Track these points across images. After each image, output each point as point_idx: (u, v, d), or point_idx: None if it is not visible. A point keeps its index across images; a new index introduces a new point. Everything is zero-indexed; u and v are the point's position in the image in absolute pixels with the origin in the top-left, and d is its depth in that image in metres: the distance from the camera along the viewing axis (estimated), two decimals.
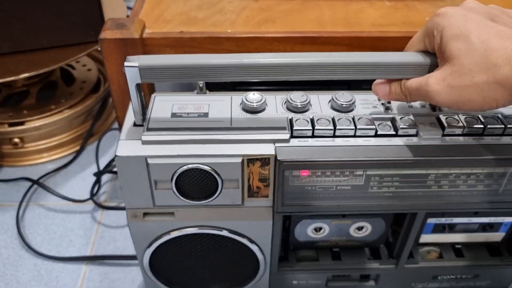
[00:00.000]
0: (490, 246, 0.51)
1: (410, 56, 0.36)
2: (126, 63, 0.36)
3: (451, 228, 0.48)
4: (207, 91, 0.44)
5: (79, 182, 0.69)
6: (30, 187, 0.67)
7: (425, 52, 0.36)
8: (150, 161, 0.38)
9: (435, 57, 0.35)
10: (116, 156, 0.38)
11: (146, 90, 0.56)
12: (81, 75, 0.80)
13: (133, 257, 0.58)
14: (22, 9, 0.60)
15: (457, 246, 0.51)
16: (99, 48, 0.66)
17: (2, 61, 0.62)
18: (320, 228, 0.47)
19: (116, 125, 0.80)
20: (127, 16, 0.73)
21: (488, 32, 0.31)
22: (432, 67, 0.35)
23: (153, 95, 0.43)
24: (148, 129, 0.39)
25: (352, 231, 0.47)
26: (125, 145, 0.39)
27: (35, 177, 0.69)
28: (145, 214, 0.42)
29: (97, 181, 0.67)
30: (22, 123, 0.70)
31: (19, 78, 0.60)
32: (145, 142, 0.38)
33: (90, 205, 0.66)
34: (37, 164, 0.72)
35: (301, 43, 0.55)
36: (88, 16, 0.64)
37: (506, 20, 0.33)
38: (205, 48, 0.54)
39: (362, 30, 0.55)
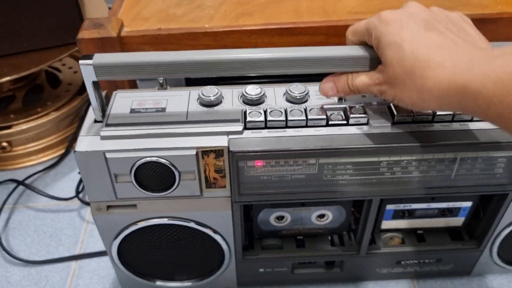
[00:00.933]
0: (452, 231, 0.52)
1: (353, 50, 0.38)
2: (80, 61, 0.38)
3: (411, 214, 0.49)
4: (168, 87, 0.46)
5: (68, 183, 0.70)
6: (15, 188, 0.69)
7: (367, 46, 0.37)
8: (108, 155, 0.39)
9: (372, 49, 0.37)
10: (75, 151, 0.40)
11: (128, 86, 0.57)
12: (67, 77, 0.82)
13: None
14: (0, 14, 0.61)
15: (419, 231, 0.52)
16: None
17: None
18: (282, 217, 0.48)
19: None
20: None
21: (419, 43, 0.33)
22: (373, 60, 0.37)
23: (114, 93, 0.45)
24: (107, 125, 0.40)
25: (314, 219, 0.49)
26: (85, 140, 0.40)
27: (22, 179, 0.70)
28: (108, 207, 0.44)
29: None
30: (9, 127, 0.71)
31: (1, 81, 0.61)
32: (103, 138, 0.40)
33: (78, 204, 0.67)
34: (26, 167, 0.74)
35: (278, 34, 0.56)
36: (67, 18, 0.65)
37: (441, 27, 0.35)
38: (183, 44, 0.55)
39: (339, 19, 0.56)
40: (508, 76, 0.27)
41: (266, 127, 0.41)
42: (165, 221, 0.44)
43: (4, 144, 0.71)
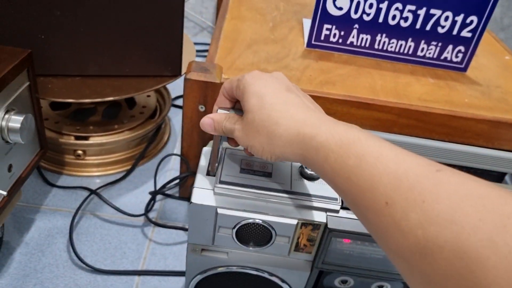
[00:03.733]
0: None
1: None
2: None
3: None
4: None
5: (131, 199, 0.74)
6: (88, 196, 0.73)
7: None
8: (219, 211, 0.44)
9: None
10: (191, 202, 0.44)
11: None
12: (142, 100, 0.87)
13: (182, 273, 0.64)
14: (111, 39, 0.66)
15: None
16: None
17: (88, 82, 0.68)
18: (347, 281, 0.53)
19: (165, 151, 0.87)
20: (196, 52, 0.79)
21: (279, 98, 0.38)
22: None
23: (222, 147, 0.49)
24: (221, 182, 0.45)
25: (373, 287, 0.54)
26: (200, 193, 0.45)
27: (90, 188, 0.74)
28: (203, 249, 0.49)
29: (152, 199, 0.72)
30: (87, 138, 0.75)
31: (105, 100, 0.66)
32: (216, 194, 0.45)
33: (141, 221, 0.71)
34: (92, 176, 0.78)
35: (356, 107, 0.61)
36: (169, 53, 0.69)
37: (299, 93, 0.40)
38: None
39: (411, 103, 0.61)
40: (347, 140, 0.32)
41: None
42: (248, 270, 0.49)
43: (80, 152, 0.76)
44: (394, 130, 0.64)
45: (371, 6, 0.66)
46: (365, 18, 0.68)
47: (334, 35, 0.70)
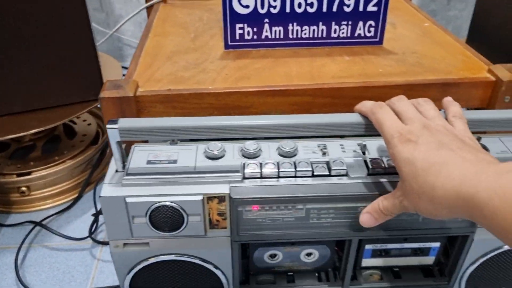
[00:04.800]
0: (425, 269, 0.59)
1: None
2: (108, 125, 0.46)
3: (387, 253, 0.56)
4: (178, 142, 0.54)
5: (80, 225, 0.77)
6: (33, 228, 0.75)
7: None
8: (128, 200, 0.47)
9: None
10: (100, 196, 0.47)
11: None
12: (82, 129, 0.91)
13: None
14: (32, 74, 0.70)
15: (395, 269, 0.59)
16: (98, 105, 0.75)
17: (15, 119, 0.72)
18: (275, 255, 0.55)
19: None
20: (123, 76, 0.83)
21: (430, 161, 0.37)
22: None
23: (133, 146, 0.52)
24: (127, 174, 0.48)
25: (303, 257, 0.56)
26: (109, 187, 0.48)
27: (38, 221, 0.76)
28: (125, 244, 0.51)
29: (95, 221, 0.74)
30: (29, 173, 0.79)
31: (29, 133, 0.69)
32: (124, 185, 0.48)
33: (88, 243, 0.73)
34: (42, 209, 0.81)
35: (271, 95, 0.64)
36: (89, 78, 0.74)
37: (453, 146, 0.38)
38: (190, 102, 0.64)
39: (324, 82, 0.65)
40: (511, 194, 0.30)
41: (261, 177, 0.49)
42: (173, 257, 0.51)
43: (23, 188, 0.78)
44: (313, 111, 0.67)
45: None
46: (273, 11, 0.72)
47: (248, 33, 0.74)
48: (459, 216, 0.36)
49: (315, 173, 0.49)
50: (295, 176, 0.49)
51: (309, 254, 0.55)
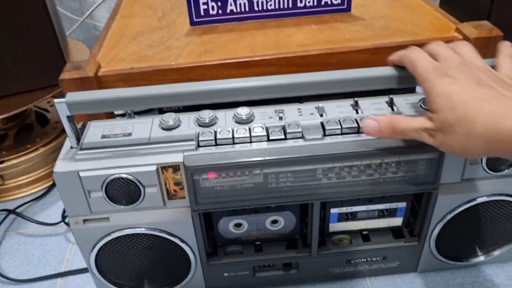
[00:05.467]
0: (395, 230, 0.59)
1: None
2: (55, 100, 0.45)
3: (354, 217, 0.56)
4: (136, 116, 0.53)
5: (55, 211, 0.77)
6: (6, 216, 0.76)
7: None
8: (82, 174, 0.46)
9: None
10: (53, 172, 0.47)
11: (105, 117, 0.64)
12: (54, 116, 0.90)
13: None
14: None
15: (364, 232, 0.58)
16: None
17: None
18: (240, 224, 0.55)
19: None
20: None
21: (470, 95, 0.36)
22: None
23: (88, 123, 0.52)
24: (81, 149, 0.48)
25: (268, 225, 0.55)
26: (62, 163, 0.47)
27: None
28: (84, 220, 0.50)
29: None
30: (1, 162, 0.78)
31: None
32: (78, 160, 0.47)
33: (63, 228, 0.74)
34: (17, 198, 0.81)
35: (236, 67, 0.63)
36: (52, 62, 0.73)
37: (493, 84, 0.37)
38: (153, 79, 0.63)
39: (288, 51, 0.64)
40: None
41: (216, 145, 0.48)
42: (135, 231, 0.51)
43: None
44: None
45: None
46: None
47: (213, 8, 0.73)
48: (494, 153, 0.35)
49: (270, 138, 0.48)
50: (251, 142, 0.48)
51: (274, 222, 0.55)
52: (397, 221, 0.58)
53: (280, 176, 0.49)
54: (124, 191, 0.48)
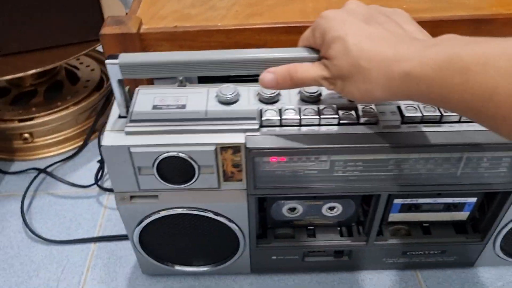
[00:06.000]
0: (457, 224, 0.55)
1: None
2: (107, 61, 0.40)
3: (417, 208, 0.52)
4: (187, 84, 0.48)
5: (85, 172, 0.74)
6: (37, 175, 0.73)
7: (311, 48, 0.39)
8: (132, 150, 0.42)
9: (318, 52, 0.38)
10: (101, 146, 0.42)
11: (146, 83, 0.60)
12: (85, 75, 0.86)
13: None
14: (28, 12, 0.65)
15: (424, 224, 0.54)
16: (100, 49, 0.70)
17: (11, 60, 0.68)
18: (294, 208, 0.51)
19: None
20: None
21: (361, 35, 0.34)
22: (315, 60, 0.39)
23: (136, 89, 0.47)
24: (131, 121, 0.43)
25: (324, 211, 0.51)
26: (111, 135, 0.43)
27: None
28: (131, 197, 0.47)
29: (101, 167, 0.71)
30: (31, 119, 0.75)
31: (26, 74, 0.65)
32: (128, 133, 0.43)
33: (95, 191, 0.71)
34: (46, 157, 0.78)
35: (286, 33, 0.58)
36: (89, 17, 0.69)
37: (380, 21, 0.36)
38: (198, 40, 0.58)
39: None
40: (443, 62, 0.30)
41: (281, 125, 0.43)
42: (184, 211, 0.47)
43: (26, 135, 0.75)
44: None
45: None
46: None
47: None
48: (394, 98, 0.34)
49: (341, 121, 0.43)
50: (319, 124, 0.43)
51: (331, 208, 0.51)
52: (462, 216, 0.53)
53: (348, 164, 0.44)
54: (177, 170, 0.44)
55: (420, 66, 0.31)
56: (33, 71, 0.65)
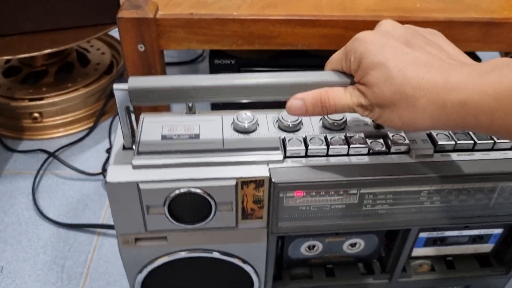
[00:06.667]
0: (480, 257, 0.52)
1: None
2: (115, 86, 0.35)
3: (442, 241, 0.48)
4: (197, 111, 0.44)
5: (93, 155, 0.75)
6: (47, 159, 0.73)
7: (342, 72, 0.36)
8: (142, 186, 0.37)
9: (351, 77, 0.35)
10: (106, 182, 0.37)
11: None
12: (95, 57, 0.87)
13: None
14: None
15: (448, 258, 0.51)
16: (112, 34, 0.73)
17: (25, 39, 0.68)
18: (314, 246, 0.47)
19: None
20: None
21: (404, 60, 0.32)
22: (347, 85, 0.35)
23: (141, 116, 0.42)
24: (139, 153, 0.38)
25: (345, 247, 0.47)
26: (116, 170, 0.38)
27: (51, 150, 0.74)
28: (136, 239, 0.41)
29: (109, 157, 0.69)
30: (41, 99, 0.76)
31: (41, 53, 0.66)
32: (136, 167, 0.37)
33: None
34: (54, 138, 0.79)
35: (300, 25, 0.58)
36: (104, 0, 0.69)
37: (421, 42, 0.34)
38: (213, 29, 0.58)
39: (357, 15, 0.58)
40: (505, 91, 0.28)
41: (306, 155, 0.39)
42: (196, 254, 0.42)
43: (36, 114, 0.76)
44: (343, 46, 0.59)
45: None
46: None
47: None
48: (442, 126, 0.32)
49: (371, 150, 0.40)
50: (348, 154, 0.39)
51: (353, 245, 0.47)
52: (486, 248, 0.50)
53: (378, 197, 0.40)
54: (191, 208, 0.39)
55: (478, 95, 0.29)
56: (48, 50, 0.66)
